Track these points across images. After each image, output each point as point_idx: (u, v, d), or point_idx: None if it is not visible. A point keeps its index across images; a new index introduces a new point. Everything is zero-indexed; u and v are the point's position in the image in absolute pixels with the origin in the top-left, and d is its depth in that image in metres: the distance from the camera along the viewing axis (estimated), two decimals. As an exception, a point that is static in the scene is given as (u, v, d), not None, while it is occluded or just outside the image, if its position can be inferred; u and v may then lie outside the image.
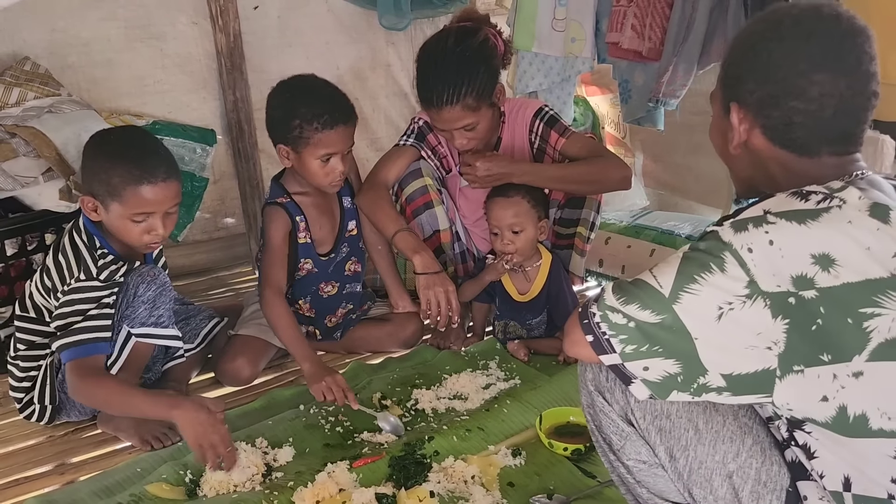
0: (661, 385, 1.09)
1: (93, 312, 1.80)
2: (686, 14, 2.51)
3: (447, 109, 2.04)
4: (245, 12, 3.07)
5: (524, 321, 2.28)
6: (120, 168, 1.80)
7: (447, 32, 2.10)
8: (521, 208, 2.11)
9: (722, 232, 1.06)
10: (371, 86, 3.49)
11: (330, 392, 1.92)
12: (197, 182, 2.91)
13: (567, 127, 2.27)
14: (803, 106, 1.11)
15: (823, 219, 1.03)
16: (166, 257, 2.21)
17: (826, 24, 1.12)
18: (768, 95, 1.14)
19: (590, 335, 1.13)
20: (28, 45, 2.70)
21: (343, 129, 2.05)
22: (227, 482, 1.65)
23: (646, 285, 1.09)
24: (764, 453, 1.14)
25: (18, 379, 1.97)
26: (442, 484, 1.62)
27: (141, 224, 1.83)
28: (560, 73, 3.08)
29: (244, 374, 2.21)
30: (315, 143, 2.03)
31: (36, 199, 2.29)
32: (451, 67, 2.03)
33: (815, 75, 1.10)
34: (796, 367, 1.02)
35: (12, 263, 2.29)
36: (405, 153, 2.30)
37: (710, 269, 1.04)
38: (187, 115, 3.03)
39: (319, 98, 2.05)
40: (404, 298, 2.41)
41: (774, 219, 1.04)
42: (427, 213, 2.29)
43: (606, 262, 2.95)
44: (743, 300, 1.02)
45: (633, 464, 1.26)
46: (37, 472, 1.84)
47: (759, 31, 1.17)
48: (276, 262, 2.14)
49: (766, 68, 1.14)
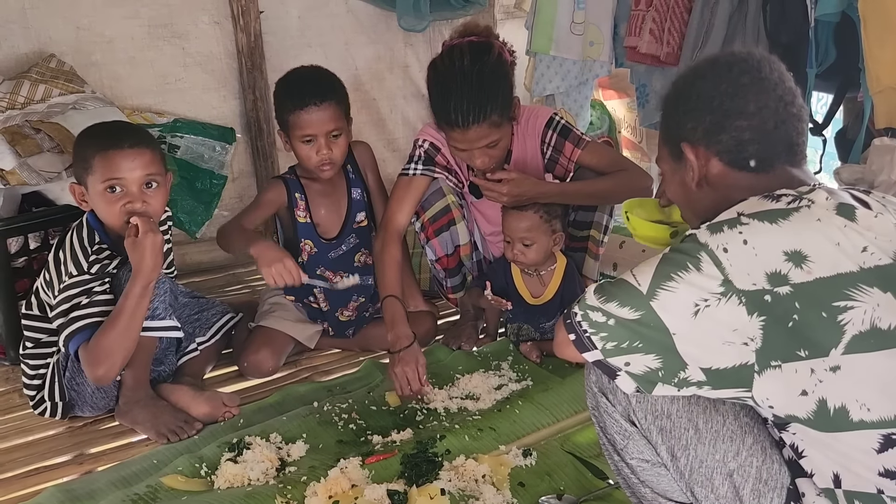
0: (644, 378, 1.13)
1: (87, 300, 1.82)
2: (705, 19, 2.52)
3: (474, 129, 1.99)
4: (266, 12, 3.11)
5: (537, 324, 2.29)
6: (91, 143, 1.85)
7: (459, 51, 2.03)
8: (534, 222, 2.11)
9: (699, 234, 1.11)
10: (389, 86, 3.52)
11: (281, 278, 2.00)
12: (216, 179, 2.94)
13: (581, 136, 2.22)
14: (746, 122, 1.20)
15: (794, 217, 1.08)
16: (185, 253, 2.24)
17: (740, 57, 1.24)
18: (711, 124, 1.22)
19: (572, 334, 1.17)
20: (54, 42, 2.75)
21: (315, 110, 2.11)
22: (241, 475, 1.68)
23: (625, 284, 1.14)
24: (765, 452, 1.16)
25: (29, 376, 1.99)
26: (453, 482, 1.63)
27: (116, 195, 1.82)
28: (577, 77, 3.09)
29: (268, 366, 2.24)
30: (293, 124, 2.13)
31: (59, 194, 2.34)
32: (473, 86, 1.97)
33: (746, 94, 1.20)
34: (773, 363, 1.05)
35: (35, 257, 2.32)
36: (416, 186, 2.23)
37: (687, 267, 1.08)
38: (207, 114, 3.07)
39: (297, 81, 2.17)
40: (417, 297, 2.43)
41: (748, 220, 1.09)
42: (450, 230, 2.30)
43: (621, 266, 2.95)
44: (718, 297, 1.06)
45: (636, 463, 1.28)
46: (56, 461, 1.87)
47: (681, 82, 1.29)
48: (253, 210, 2.28)
49: (698, 103, 1.23)
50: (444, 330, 2.48)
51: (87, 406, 1.99)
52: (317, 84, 2.16)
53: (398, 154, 3.50)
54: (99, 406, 2.00)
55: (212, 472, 1.71)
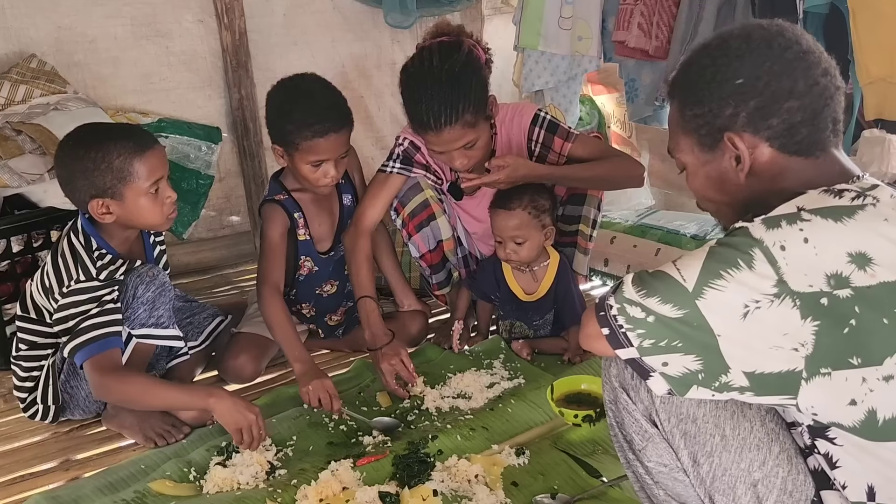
0: (680, 380, 1.06)
1: (97, 310, 1.79)
2: (693, 12, 2.51)
3: (447, 130, 1.95)
4: (251, 10, 3.08)
5: (530, 321, 2.28)
6: (115, 151, 1.77)
7: (428, 52, 2.00)
8: (523, 220, 2.08)
9: (753, 228, 1.03)
10: (376, 83, 3.49)
11: (316, 396, 1.90)
12: (202, 180, 2.91)
13: (570, 130, 2.20)
14: (798, 103, 1.10)
15: (859, 216, 1.01)
16: (171, 254, 2.21)
17: (774, 30, 1.13)
18: (757, 108, 1.12)
19: (605, 328, 1.09)
20: (34, 42, 2.71)
21: (335, 138, 2.02)
22: (230, 479, 1.65)
23: (668, 278, 1.06)
24: (790, 462, 1.11)
25: (21, 379, 1.96)
26: (445, 483, 1.61)
27: (156, 194, 1.83)
28: (566, 72, 3.08)
29: (247, 372, 2.21)
30: (306, 149, 2.02)
31: (41, 196, 2.30)
32: (443, 86, 1.93)
33: (794, 72, 1.10)
34: (823, 370, 0.99)
35: (18, 260, 2.29)
36: (391, 184, 2.22)
37: (738, 265, 1.01)
38: (193, 113, 3.04)
39: (313, 105, 2.03)
40: (409, 297, 2.40)
41: (809, 216, 1.01)
42: (430, 225, 2.28)
43: (612, 262, 2.95)
44: (771, 299, 0.99)
45: (653, 465, 1.22)
46: (42, 468, 1.85)
47: (708, 63, 1.15)
48: (274, 259, 2.14)
49: (740, 86, 1.12)
50: (435, 329, 2.46)
51: (78, 409, 1.98)
52: (335, 108, 2.06)
53: (386, 152, 3.45)
54: (90, 409, 1.99)
55: (201, 476, 1.69)
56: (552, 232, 2.17)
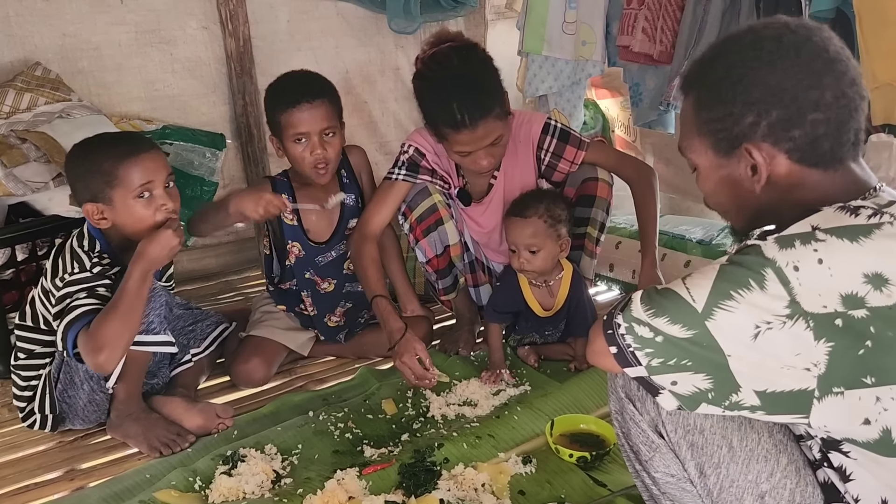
0: (690, 398, 1.05)
1: (87, 294, 1.78)
2: (697, 17, 2.49)
3: (482, 125, 1.95)
4: (254, 17, 3.08)
5: (543, 332, 2.26)
6: (105, 154, 1.80)
7: (444, 55, 2.01)
8: (538, 228, 2.05)
9: (765, 247, 1.00)
10: (380, 89, 3.49)
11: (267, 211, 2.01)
12: (206, 186, 2.90)
13: (581, 138, 2.20)
14: (824, 115, 1.06)
15: (876, 236, 0.98)
16: (175, 261, 2.20)
17: (803, 35, 1.08)
18: (780, 119, 1.07)
19: (614, 347, 1.08)
20: (39, 50, 2.71)
21: (308, 108, 2.08)
22: (236, 489, 1.65)
23: (677, 298, 1.04)
24: (798, 473, 1.10)
25: (20, 388, 1.96)
26: (452, 492, 1.61)
27: (147, 200, 1.82)
28: (570, 77, 3.07)
29: (258, 375, 2.21)
30: (285, 124, 2.09)
31: (46, 204, 2.30)
32: (474, 81, 1.96)
33: (821, 83, 1.06)
34: (836, 389, 0.98)
35: (23, 268, 2.29)
36: (397, 191, 2.22)
37: (749, 285, 0.98)
38: (197, 120, 3.04)
39: (288, 82, 2.15)
40: (413, 302, 2.39)
41: (824, 236, 0.99)
42: (438, 230, 2.27)
43: (617, 267, 2.93)
44: (783, 320, 0.97)
45: (660, 476, 1.21)
46: (46, 478, 1.84)
47: (737, 62, 1.09)
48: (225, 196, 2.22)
49: (765, 95, 1.07)
50: (441, 335, 2.45)
51: (78, 419, 1.96)
52: (308, 83, 2.14)
53: (390, 157, 3.42)
54: (90, 419, 1.97)
55: (206, 485, 1.68)
56: (567, 244, 2.12)
